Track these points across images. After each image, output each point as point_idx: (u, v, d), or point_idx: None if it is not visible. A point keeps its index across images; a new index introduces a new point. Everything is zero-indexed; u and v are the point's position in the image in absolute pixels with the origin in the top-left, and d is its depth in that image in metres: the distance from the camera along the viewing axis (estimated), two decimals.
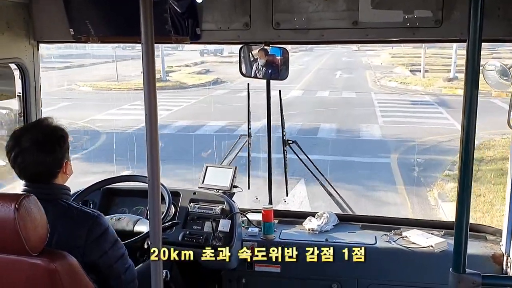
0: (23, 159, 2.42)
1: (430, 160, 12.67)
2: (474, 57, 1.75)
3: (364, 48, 46.39)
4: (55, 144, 2.47)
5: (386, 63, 37.17)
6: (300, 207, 8.75)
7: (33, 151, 2.41)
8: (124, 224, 3.21)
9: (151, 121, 1.87)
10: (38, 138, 2.44)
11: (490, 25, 2.90)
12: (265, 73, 3.56)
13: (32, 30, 3.53)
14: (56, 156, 2.47)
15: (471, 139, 1.76)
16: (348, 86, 25.89)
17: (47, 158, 2.43)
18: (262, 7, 3.23)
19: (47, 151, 2.44)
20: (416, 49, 43.10)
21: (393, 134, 15.50)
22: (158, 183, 1.92)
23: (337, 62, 38.08)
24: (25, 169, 2.44)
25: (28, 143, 2.41)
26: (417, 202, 10.08)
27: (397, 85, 26.74)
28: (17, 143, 2.43)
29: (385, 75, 30.12)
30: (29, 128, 2.64)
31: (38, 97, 3.64)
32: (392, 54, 41.83)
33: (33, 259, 2.18)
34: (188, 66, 35.08)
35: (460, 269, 1.84)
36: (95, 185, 3.55)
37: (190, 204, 3.71)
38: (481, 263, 3.30)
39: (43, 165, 2.44)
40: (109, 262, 2.49)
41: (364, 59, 39.94)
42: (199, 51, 40.08)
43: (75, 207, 2.48)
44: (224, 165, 4.06)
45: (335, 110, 19.26)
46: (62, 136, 2.51)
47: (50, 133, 2.49)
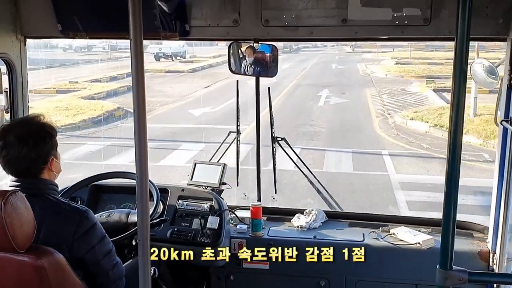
0: (7, 152, 2.44)
1: None
2: (462, 56, 1.76)
3: (359, 49, 39.83)
4: (39, 140, 2.48)
5: (393, 74, 27.44)
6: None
7: (16, 146, 2.43)
8: (117, 218, 3.21)
9: (139, 117, 1.86)
10: (22, 133, 2.45)
11: (478, 24, 2.93)
12: (253, 70, 3.56)
13: (19, 25, 3.50)
14: (40, 151, 2.47)
15: (459, 137, 1.77)
16: (338, 132, 14.24)
17: (30, 153, 2.44)
18: (251, 4, 3.23)
19: (30, 146, 2.44)
20: (425, 52, 35.10)
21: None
22: (146, 180, 1.91)
23: (324, 71, 28.94)
24: (9, 163, 2.46)
25: (12, 138, 2.43)
26: None
27: (429, 129, 14.53)
28: (2, 137, 2.45)
29: (399, 100, 19.51)
30: (16, 123, 2.66)
31: (25, 92, 3.61)
32: (396, 59, 33.27)
33: (20, 256, 2.16)
34: (98, 82, 23.55)
35: (447, 265, 1.85)
36: (83, 181, 3.52)
37: (179, 201, 3.70)
38: (468, 260, 3.33)
39: (26, 160, 2.44)
40: (96, 258, 2.49)
41: (361, 67, 30.88)
42: (154, 54, 33.14)
43: (63, 202, 2.49)
44: (213, 162, 4.05)
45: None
46: (48, 133, 2.52)
47: (36, 129, 2.50)
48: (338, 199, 4.27)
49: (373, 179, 10.25)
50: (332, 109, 17.94)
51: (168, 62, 33.28)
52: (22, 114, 3.57)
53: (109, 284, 2.58)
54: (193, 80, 25.69)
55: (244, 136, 4.55)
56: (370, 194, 9.32)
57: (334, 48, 43.41)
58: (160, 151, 11.92)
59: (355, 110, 17.88)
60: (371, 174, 10.61)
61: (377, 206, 8.67)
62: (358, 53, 38.43)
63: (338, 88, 22.02)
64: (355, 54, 37.33)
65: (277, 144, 4.09)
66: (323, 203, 4.23)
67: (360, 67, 31.13)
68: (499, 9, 2.99)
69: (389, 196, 9.29)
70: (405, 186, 9.82)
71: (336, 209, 4.17)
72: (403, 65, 30.65)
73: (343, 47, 43.16)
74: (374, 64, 31.89)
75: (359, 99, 20.19)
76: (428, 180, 10.20)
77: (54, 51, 34.86)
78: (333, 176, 10.08)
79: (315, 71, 29.02)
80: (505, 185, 3.11)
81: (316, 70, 29.29)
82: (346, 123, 15.56)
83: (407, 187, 9.74)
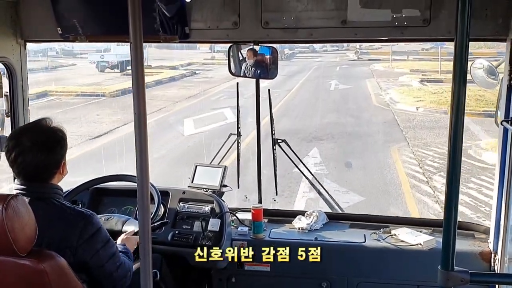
0: (23, 159, 2.41)
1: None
2: (462, 56, 1.76)
3: (365, 56, 31.58)
4: (56, 144, 2.48)
5: (427, 105, 17.34)
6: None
7: (34, 151, 2.40)
8: (113, 224, 3.19)
9: (140, 121, 1.86)
10: (39, 138, 2.44)
11: (478, 24, 2.94)
12: (254, 72, 3.57)
13: (19, 29, 3.50)
14: (56, 156, 2.47)
15: (459, 137, 1.77)
16: None
17: (47, 158, 2.43)
18: (251, 6, 3.23)
19: (48, 151, 2.43)
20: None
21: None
22: (147, 183, 1.91)
23: (318, 94, 19.61)
24: (25, 169, 2.44)
25: (29, 143, 2.41)
26: None
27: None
28: (17, 143, 2.42)
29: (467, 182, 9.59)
30: (29, 128, 2.63)
31: (26, 96, 3.62)
32: (418, 72, 24.15)
33: (21, 259, 2.16)
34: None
35: (448, 266, 1.85)
36: (84, 185, 3.52)
37: (180, 203, 3.70)
38: (469, 261, 3.33)
39: (43, 165, 2.43)
40: (100, 262, 2.48)
41: (372, 87, 21.41)
42: (96, 63, 25.80)
43: (68, 207, 2.48)
44: (214, 164, 4.05)
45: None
46: (61, 137, 2.52)
47: (51, 133, 2.49)
48: None
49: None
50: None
51: (114, 73, 25.46)
52: (23, 118, 3.57)
53: (114, 285, 2.58)
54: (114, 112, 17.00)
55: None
56: None
57: (335, 54, 36.23)
58: None
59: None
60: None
61: None
62: (364, 61, 30.45)
63: (339, 146, 11.96)
64: (361, 63, 29.30)
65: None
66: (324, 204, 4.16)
67: (371, 87, 21.89)
68: (498, 10, 3.00)
69: None
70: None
71: (337, 210, 4.17)
72: (431, 83, 21.00)
73: (346, 53, 36.65)
74: (390, 81, 23.07)
75: (381, 178, 10.07)
76: None
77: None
78: None
79: (305, 94, 19.64)
80: (506, 185, 3.11)
81: (306, 93, 19.97)
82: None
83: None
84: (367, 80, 23.93)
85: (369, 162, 10.84)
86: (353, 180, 9.71)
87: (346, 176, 10.06)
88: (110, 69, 25.51)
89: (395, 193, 9.23)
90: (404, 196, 9.08)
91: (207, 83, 24.71)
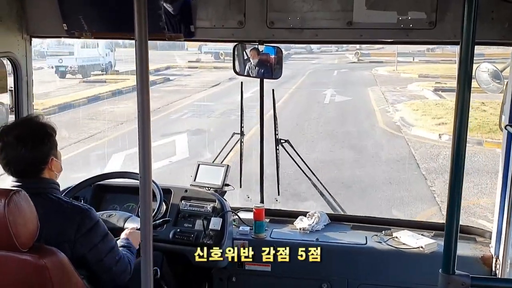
0: (6, 154, 2.44)
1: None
2: (467, 60, 1.75)
3: (366, 58, 28.33)
4: (38, 140, 2.47)
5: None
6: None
7: (15, 147, 2.42)
8: (115, 221, 3.20)
9: (143, 118, 1.86)
10: (22, 134, 2.45)
11: (484, 28, 2.93)
12: (257, 72, 3.56)
13: (25, 24, 3.51)
14: (39, 152, 2.47)
15: (463, 142, 1.77)
16: None
17: (29, 154, 2.44)
18: (256, 6, 3.23)
19: (30, 147, 2.44)
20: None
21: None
22: (149, 180, 1.91)
23: (310, 111, 15.67)
24: (8, 164, 2.46)
25: (11, 138, 2.43)
26: None
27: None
28: (1, 138, 2.45)
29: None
30: (17, 124, 2.66)
31: (30, 91, 3.62)
32: (431, 79, 20.84)
33: (23, 255, 2.17)
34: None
35: (449, 270, 1.84)
36: (86, 181, 3.53)
37: (182, 201, 3.70)
38: (471, 265, 3.32)
39: (25, 161, 2.44)
40: (99, 256, 2.49)
41: (376, 100, 17.82)
42: (55, 68, 22.55)
43: (65, 201, 2.49)
44: (216, 163, 4.05)
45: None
46: (47, 133, 2.52)
47: (36, 129, 2.50)
48: None
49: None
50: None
51: (74, 80, 22.41)
52: (27, 113, 3.58)
53: (113, 279, 2.58)
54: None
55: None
56: None
57: (333, 55, 32.60)
58: None
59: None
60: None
61: None
62: (365, 64, 27.18)
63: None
64: (361, 66, 26.00)
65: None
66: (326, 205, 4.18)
67: (375, 99, 18.16)
68: (505, 14, 2.98)
69: None
70: None
71: (339, 212, 4.17)
72: (448, 93, 17.07)
73: (345, 54, 33.25)
74: (397, 90, 19.83)
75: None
76: None
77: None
78: None
79: (294, 111, 15.53)
80: (509, 189, 3.10)
81: (294, 109, 15.82)
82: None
83: None
84: (370, 89, 20.08)
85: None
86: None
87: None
88: (71, 75, 22.74)
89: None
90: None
91: (177, 93, 20.63)
